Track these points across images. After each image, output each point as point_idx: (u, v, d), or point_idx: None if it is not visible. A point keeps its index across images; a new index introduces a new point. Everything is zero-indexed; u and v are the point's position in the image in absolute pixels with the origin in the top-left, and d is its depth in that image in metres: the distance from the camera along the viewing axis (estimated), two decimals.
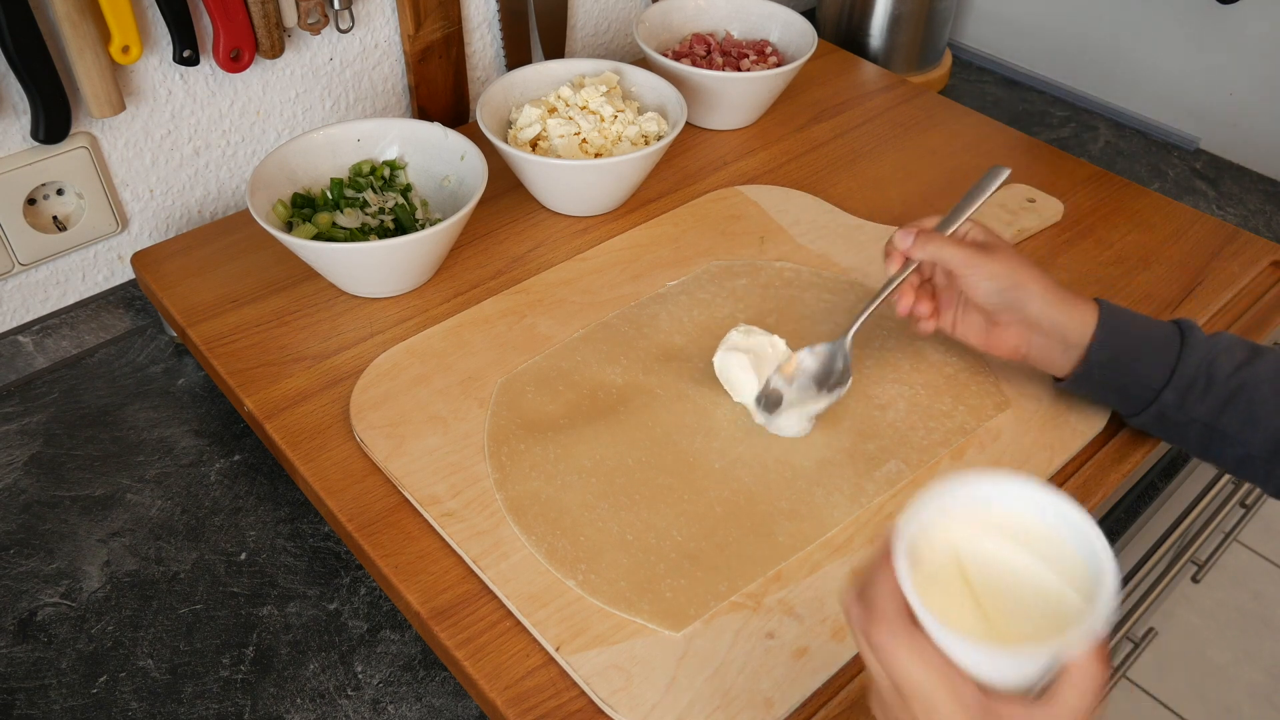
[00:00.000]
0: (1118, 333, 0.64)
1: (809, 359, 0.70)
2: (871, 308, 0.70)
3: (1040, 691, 0.40)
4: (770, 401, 0.69)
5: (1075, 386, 0.67)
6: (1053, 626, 0.41)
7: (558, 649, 0.57)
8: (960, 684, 0.40)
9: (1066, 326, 0.65)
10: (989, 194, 0.72)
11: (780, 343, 0.71)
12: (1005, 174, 0.73)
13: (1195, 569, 1.13)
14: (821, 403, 0.69)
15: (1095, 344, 0.64)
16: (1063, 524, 0.42)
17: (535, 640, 0.58)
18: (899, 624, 0.41)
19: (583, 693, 0.56)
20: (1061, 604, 0.41)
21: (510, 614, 0.59)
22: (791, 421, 0.69)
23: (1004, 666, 0.40)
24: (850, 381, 0.69)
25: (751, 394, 0.70)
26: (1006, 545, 0.43)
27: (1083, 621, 0.39)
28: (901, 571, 0.40)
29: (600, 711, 0.55)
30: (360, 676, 0.63)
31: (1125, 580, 0.92)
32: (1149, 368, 0.64)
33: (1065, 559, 0.42)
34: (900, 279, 0.69)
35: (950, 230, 0.69)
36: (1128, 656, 1.08)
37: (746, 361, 0.69)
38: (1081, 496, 0.67)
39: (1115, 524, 0.80)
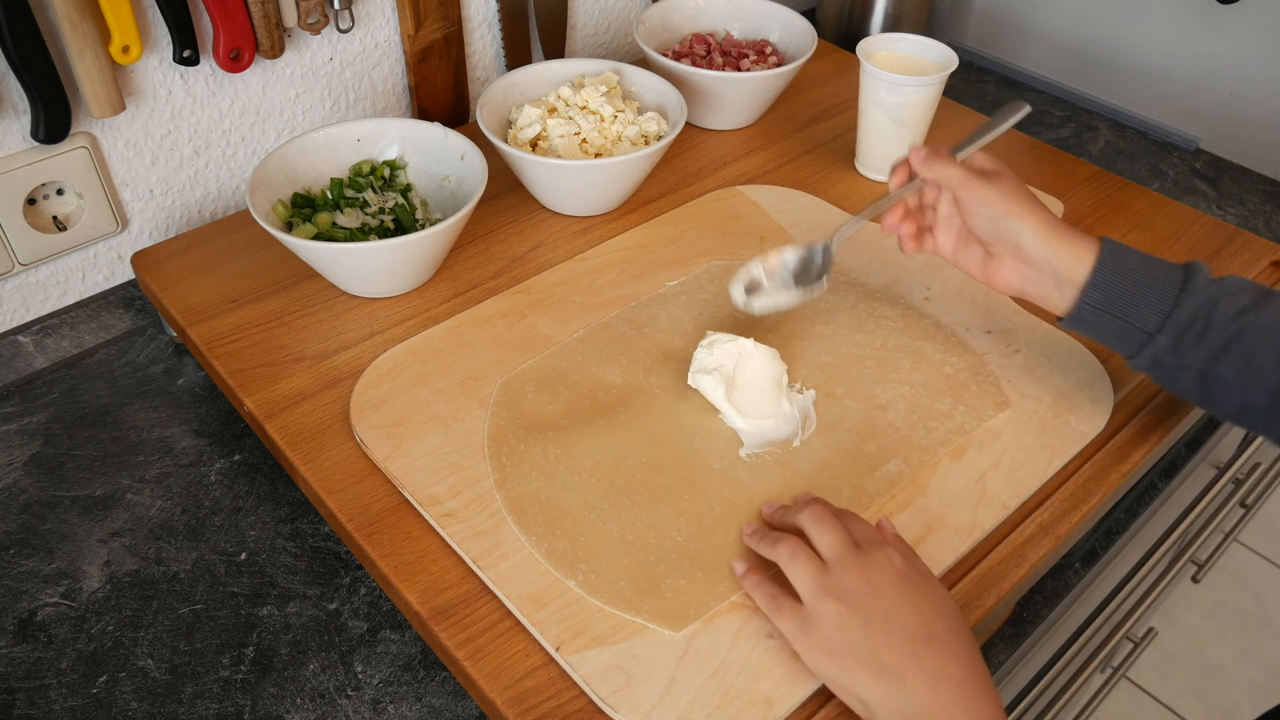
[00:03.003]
0: (1116, 273, 0.62)
1: (791, 255, 0.72)
2: (865, 216, 0.71)
3: None
4: (751, 287, 0.72)
5: (1072, 325, 0.65)
6: None
7: (558, 649, 0.57)
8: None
9: (1060, 263, 0.63)
10: (1006, 126, 0.72)
11: (748, 343, 0.70)
12: (1026, 109, 0.72)
13: (1195, 569, 1.13)
14: (793, 296, 0.71)
15: (1090, 284, 0.63)
16: None
17: (535, 640, 0.58)
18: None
19: (583, 693, 0.56)
20: None
21: (510, 614, 0.59)
22: (766, 304, 0.72)
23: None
24: (825, 282, 0.71)
25: (731, 415, 0.70)
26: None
27: None
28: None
29: (600, 711, 0.55)
30: (360, 676, 0.63)
31: (1125, 580, 0.92)
32: (1144, 310, 0.62)
33: None
34: (900, 194, 0.69)
35: (960, 155, 0.68)
36: (1128, 656, 1.08)
37: (715, 382, 0.69)
38: (1081, 496, 0.67)
39: (1115, 524, 0.80)
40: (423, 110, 1.01)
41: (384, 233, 0.82)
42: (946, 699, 0.50)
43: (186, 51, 0.81)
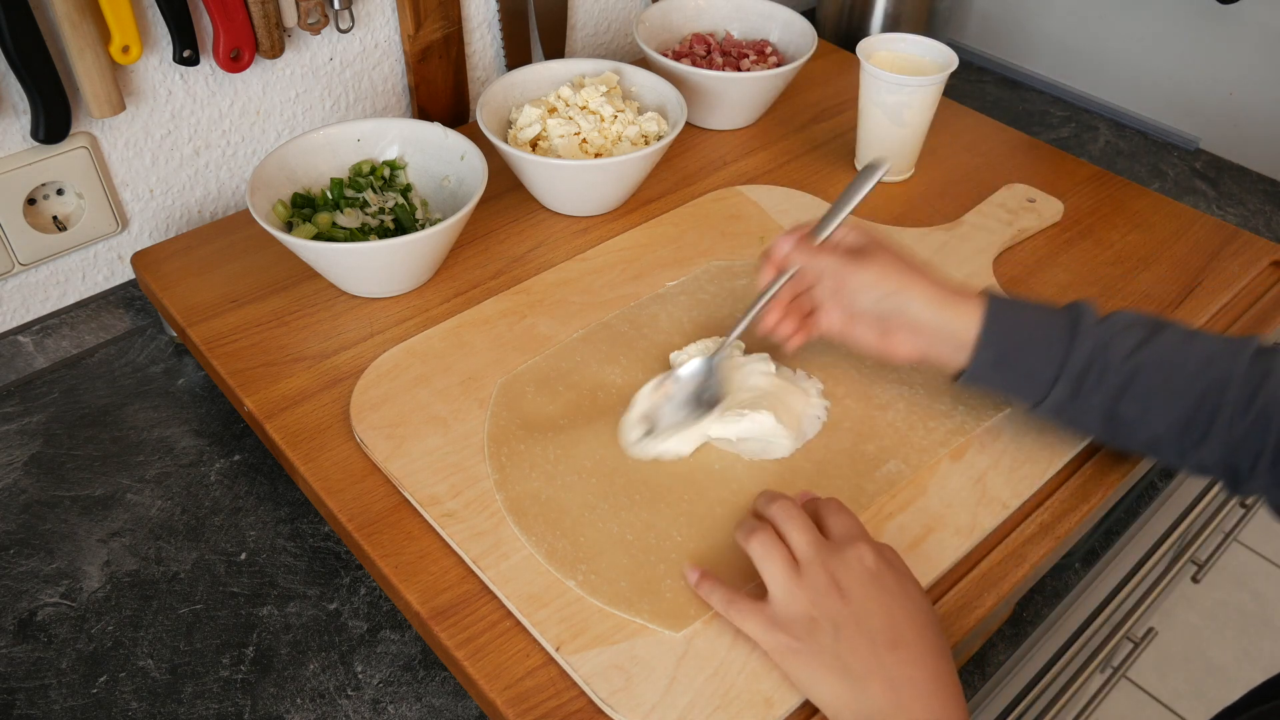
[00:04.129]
0: (1003, 329, 0.62)
1: (676, 385, 0.68)
2: (744, 323, 0.68)
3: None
4: (651, 424, 0.67)
5: (970, 383, 0.65)
6: None
7: (558, 649, 0.57)
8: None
9: (953, 326, 0.63)
10: (866, 191, 0.69)
11: (648, 386, 0.69)
12: (884, 168, 0.70)
13: (1195, 569, 1.13)
14: (694, 422, 0.66)
15: (980, 343, 0.63)
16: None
17: (535, 640, 0.58)
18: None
19: (583, 693, 0.56)
20: None
21: (510, 614, 0.59)
22: (672, 444, 0.66)
23: None
24: (724, 399, 0.67)
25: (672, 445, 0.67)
26: None
27: None
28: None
29: (600, 711, 0.55)
30: (360, 676, 0.63)
31: (1125, 580, 0.92)
32: (1038, 361, 0.62)
33: None
34: (775, 289, 0.67)
35: (825, 235, 0.67)
36: (1128, 656, 1.08)
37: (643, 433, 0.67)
38: (1081, 496, 0.67)
39: (1115, 524, 0.80)
40: (423, 110, 1.01)
41: (384, 233, 0.82)
42: (909, 703, 0.50)
43: (186, 51, 0.81)
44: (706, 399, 0.67)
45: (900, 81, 0.88)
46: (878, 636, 0.52)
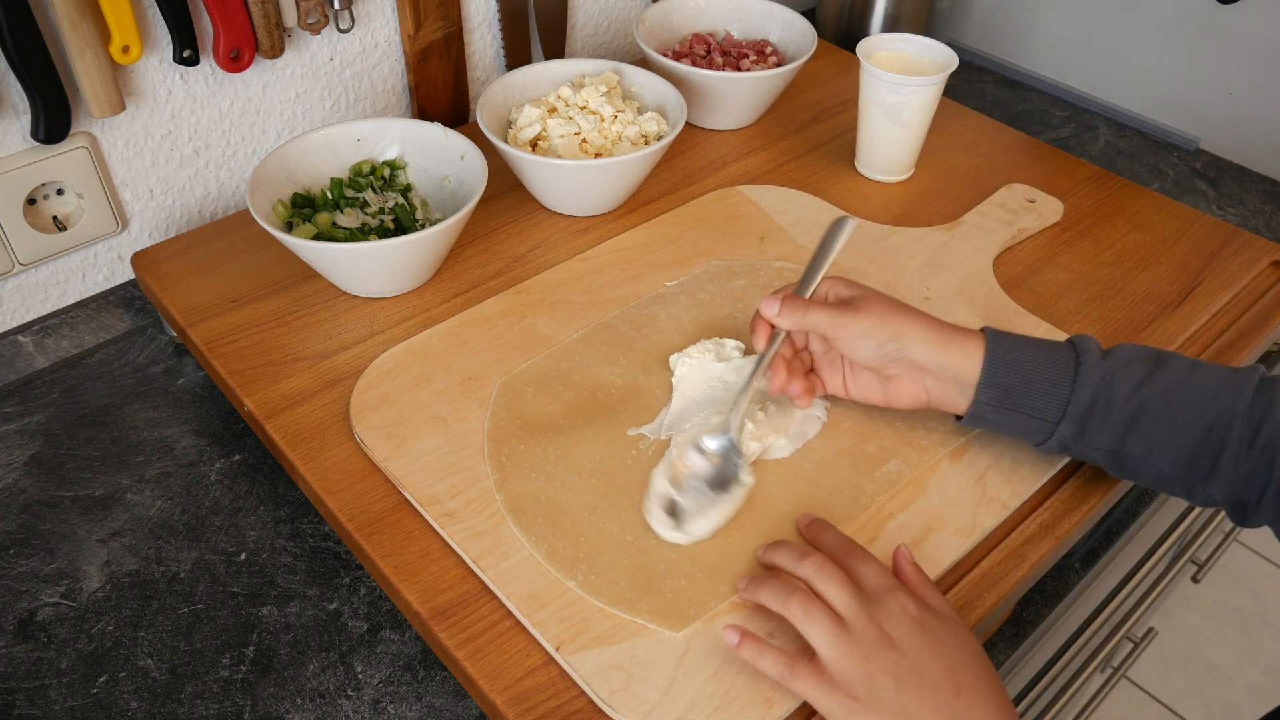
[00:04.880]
0: (1005, 368, 0.61)
1: (697, 460, 0.65)
2: (749, 392, 0.65)
3: None
4: (674, 511, 0.63)
5: (972, 424, 0.64)
6: None
7: (558, 649, 0.57)
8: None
9: (957, 367, 0.62)
10: (840, 246, 0.68)
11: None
12: (852, 224, 0.69)
13: (1195, 569, 1.13)
14: (722, 503, 0.63)
15: (982, 383, 0.62)
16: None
17: (535, 640, 0.58)
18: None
19: (583, 693, 0.56)
20: None
21: (510, 614, 0.59)
22: (698, 528, 0.62)
23: None
24: (748, 477, 0.64)
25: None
26: None
27: None
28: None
29: (600, 711, 0.55)
30: (360, 676, 0.63)
31: (1125, 580, 0.92)
32: (1042, 401, 0.61)
33: None
34: (771, 352, 0.66)
35: (810, 291, 0.66)
36: (1128, 656, 1.08)
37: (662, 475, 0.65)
38: (1082, 497, 0.67)
39: (1115, 524, 0.80)
40: (423, 110, 1.01)
41: (384, 233, 0.82)
42: None
43: (186, 51, 0.81)
44: (730, 477, 0.64)
45: (900, 81, 0.88)
46: (941, 684, 0.51)
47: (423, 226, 0.83)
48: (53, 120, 0.76)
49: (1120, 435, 0.60)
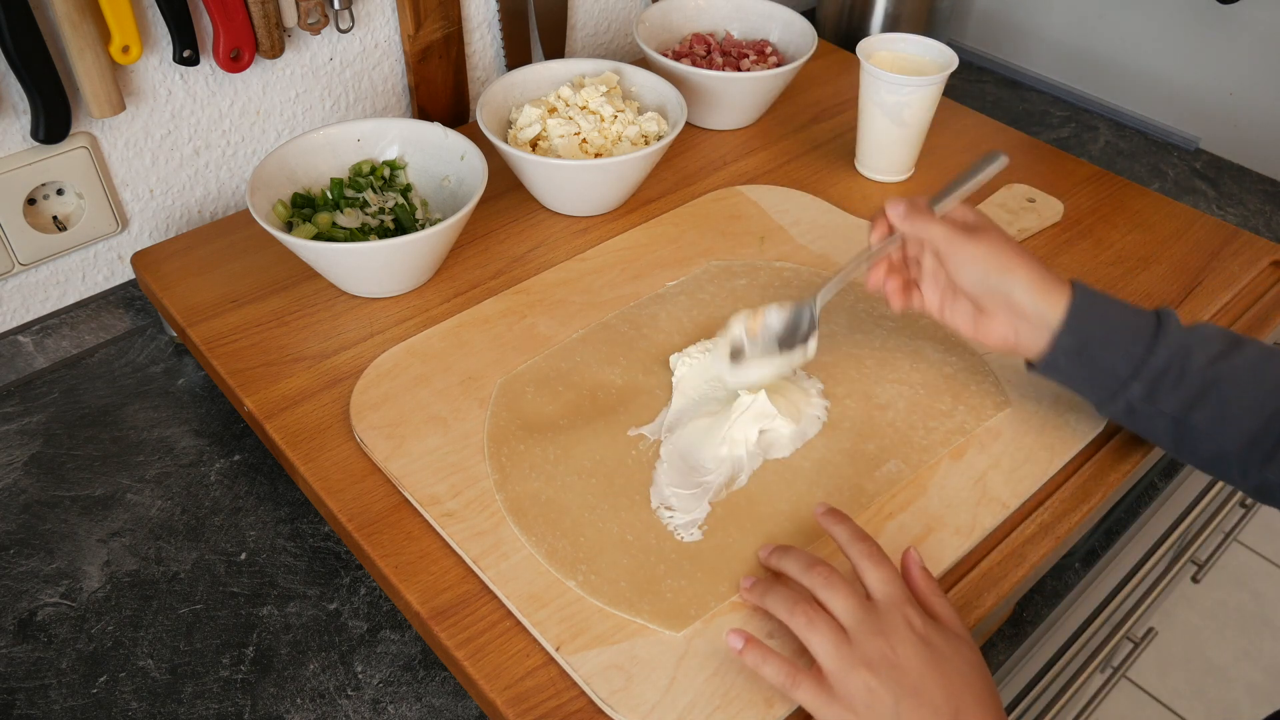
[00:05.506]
0: (1088, 319, 0.62)
1: (774, 317, 0.69)
2: (846, 274, 0.68)
3: None
4: (734, 353, 0.68)
5: (1045, 372, 0.65)
6: None
7: (558, 649, 0.57)
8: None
9: (1049, 313, 0.62)
10: (983, 175, 0.70)
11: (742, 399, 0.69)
12: (1002, 160, 0.71)
13: (1195, 569, 1.13)
14: (779, 362, 0.68)
15: (1063, 330, 0.62)
16: None
17: (535, 640, 0.58)
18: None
19: (583, 693, 0.56)
20: None
21: (510, 614, 0.59)
22: (750, 376, 0.68)
23: None
24: (814, 346, 0.68)
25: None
26: None
27: None
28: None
29: (600, 711, 0.55)
30: (360, 676, 0.63)
31: (1125, 580, 0.92)
32: (1117, 357, 0.61)
33: None
34: (882, 251, 0.68)
35: (939, 208, 0.67)
36: (1128, 656, 1.08)
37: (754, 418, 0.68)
38: (1081, 496, 0.67)
39: (1115, 524, 0.80)
40: (423, 110, 1.01)
41: (384, 233, 0.82)
42: None
43: (186, 51, 0.81)
44: (795, 341, 0.68)
45: (900, 81, 0.88)
46: (940, 706, 0.50)
47: (423, 226, 0.83)
48: (53, 120, 0.76)
49: (1189, 404, 0.60)
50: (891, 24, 1.24)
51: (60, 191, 0.82)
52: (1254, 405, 0.59)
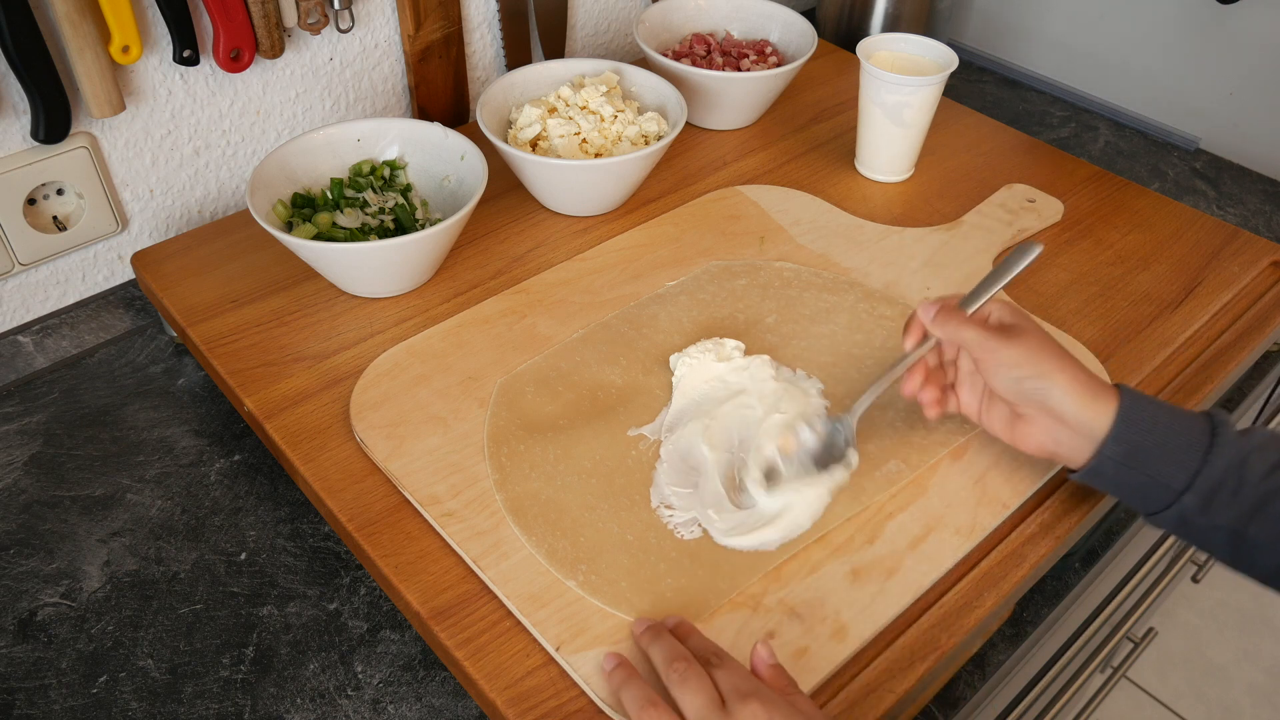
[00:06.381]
0: (1138, 426, 0.58)
1: (808, 435, 0.65)
2: (883, 384, 0.65)
3: None
4: (769, 473, 0.64)
5: (1087, 479, 0.61)
6: None
7: (558, 649, 0.57)
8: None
9: (1093, 422, 0.59)
10: (1018, 270, 0.67)
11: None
12: (1037, 250, 0.68)
13: (1195, 569, 1.13)
14: (819, 484, 0.64)
15: (1110, 438, 0.59)
16: None
17: (535, 640, 0.58)
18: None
19: (583, 693, 0.56)
20: None
21: (510, 614, 0.59)
22: (788, 498, 0.63)
23: None
24: (855, 460, 0.64)
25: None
26: None
27: None
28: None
29: (600, 711, 0.55)
30: (360, 676, 0.63)
31: (1125, 580, 0.92)
32: (1170, 467, 0.58)
33: None
34: (917, 355, 0.65)
35: (975, 308, 0.64)
36: (1128, 656, 1.08)
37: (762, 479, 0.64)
38: (1082, 496, 0.67)
39: (1115, 524, 0.80)
40: (423, 110, 1.01)
41: (384, 233, 0.82)
42: None
43: (186, 51, 0.81)
44: (837, 452, 0.65)
45: (900, 81, 0.88)
46: None
47: (423, 226, 0.83)
48: (53, 120, 0.76)
49: (1247, 517, 0.57)
50: (891, 24, 1.24)
51: (60, 191, 0.82)
52: None
